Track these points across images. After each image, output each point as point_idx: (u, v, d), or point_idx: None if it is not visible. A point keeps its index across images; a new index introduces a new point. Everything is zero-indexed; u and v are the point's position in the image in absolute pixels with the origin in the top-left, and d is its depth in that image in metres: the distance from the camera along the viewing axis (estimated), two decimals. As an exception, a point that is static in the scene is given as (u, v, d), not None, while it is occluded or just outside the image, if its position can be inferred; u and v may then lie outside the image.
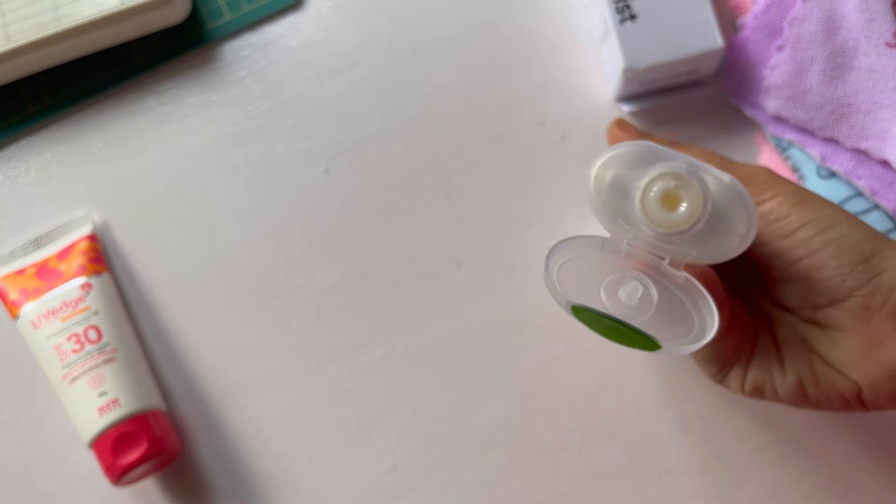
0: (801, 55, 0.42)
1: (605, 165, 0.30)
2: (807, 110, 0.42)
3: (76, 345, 0.40)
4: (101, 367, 0.40)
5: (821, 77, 0.41)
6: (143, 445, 0.38)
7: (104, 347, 0.40)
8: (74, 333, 0.40)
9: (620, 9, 0.41)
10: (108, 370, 0.40)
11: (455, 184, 0.44)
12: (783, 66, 0.42)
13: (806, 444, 0.40)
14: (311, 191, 0.45)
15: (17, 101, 0.47)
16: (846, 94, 0.41)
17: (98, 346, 0.40)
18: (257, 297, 0.43)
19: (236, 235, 0.44)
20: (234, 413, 0.42)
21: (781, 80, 0.42)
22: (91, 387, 0.39)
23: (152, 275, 0.44)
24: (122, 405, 0.39)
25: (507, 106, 0.45)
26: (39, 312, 0.41)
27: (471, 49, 0.46)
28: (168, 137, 0.46)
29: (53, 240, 0.44)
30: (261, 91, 0.47)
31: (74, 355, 0.40)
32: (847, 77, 0.41)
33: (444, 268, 0.43)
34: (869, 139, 0.41)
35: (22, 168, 0.46)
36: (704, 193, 0.29)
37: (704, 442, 0.40)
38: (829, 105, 0.41)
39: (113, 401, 0.39)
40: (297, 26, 0.48)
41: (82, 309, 0.41)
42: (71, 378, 0.40)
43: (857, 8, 0.41)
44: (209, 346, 0.43)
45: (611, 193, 0.30)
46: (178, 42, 0.47)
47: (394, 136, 0.45)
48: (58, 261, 0.43)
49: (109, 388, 0.39)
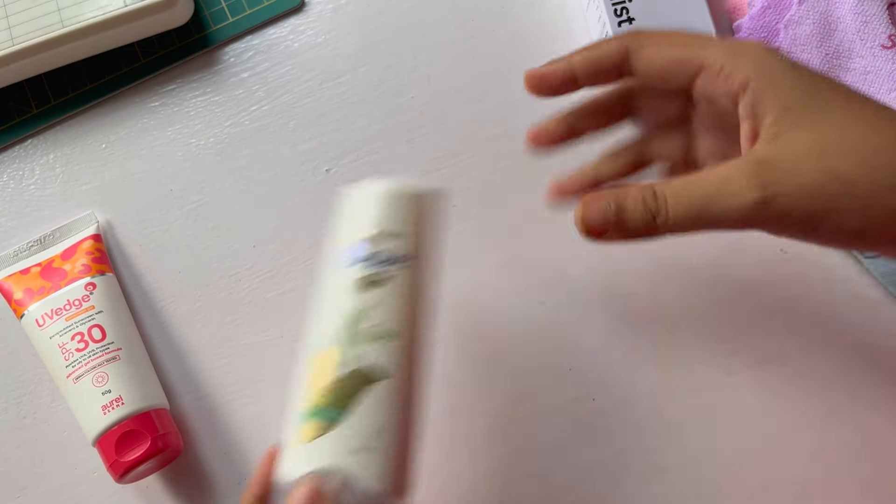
0: (796, 57, 0.42)
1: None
2: None
3: (80, 343, 0.41)
4: (104, 366, 0.40)
5: None
6: (146, 443, 0.39)
7: (108, 346, 0.41)
8: (79, 332, 0.41)
9: (618, 12, 0.42)
10: (112, 369, 0.40)
11: (455, 185, 0.45)
12: None
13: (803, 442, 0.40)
14: (312, 191, 0.45)
15: (21, 102, 0.47)
16: None
17: (102, 344, 0.41)
18: (259, 296, 0.44)
19: (239, 235, 0.45)
20: (236, 411, 0.42)
21: None
22: (95, 385, 0.40)
23: (156, 274, 0.45)
24: (125, 403, 0.39)
25: (507, 107, 0.46)
26: (44, 311, 0.42)
27: (470, 51, 0.47)
28: (171, 138, 0.47)
29: (58, 240, 0.44)
30: (263, 93, 0.47)
31: (79, 354, 0.40)
32: (842, 79, 0.42)
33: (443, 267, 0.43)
34: None
35: (26, 169, 0.47)
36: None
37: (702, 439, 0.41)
38: None
39: (116, 399, 0.40)
40: (299, 29, 0.48)
41: (86, 308, 0.41)
42: (75, 376, 0.40)
43: (852, 10, 0.41)
44: (212, 345, 0.43)
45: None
46: (181, 44, 0.48)
47: (394, 137, 0.46)
48: (62, 260, 0.43)
49: (113, 386, 0.40)
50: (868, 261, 0.41)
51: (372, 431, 0.29)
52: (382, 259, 0.32)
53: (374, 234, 0.32)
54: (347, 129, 0.46)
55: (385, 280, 0.32)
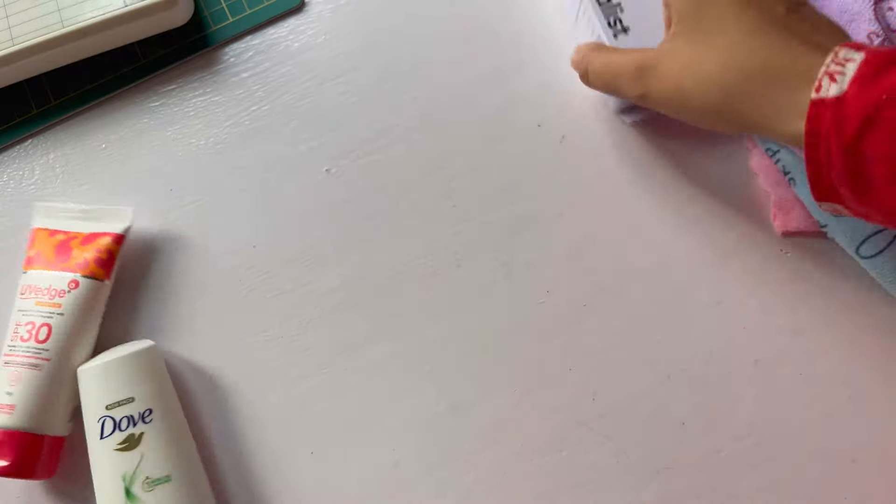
0: None
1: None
2: None
3: (27, 334, 0.40)
4: (25, 369, 0.39)
5: None
6: (7, 461, 0.38)
7: (41, 352, 0.39)
8: (32, 322, 0.40)
9: (612, 23, 0.42)
10: (29, 375, 0.39)
11: (455, 185, 0.45)
12: None
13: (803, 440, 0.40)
14: (312, 191, 0.45)
15: (21, 102, 0.47)
16: None
17: (38, 347, 0.39)
18: (259, 296, 0.44)
19: (239, 235, 0.45)
20: (235, 411, 0.42)
21: None
22: (6, 380, 0.39)
23: (155, 274, 0.45)
24: (14, 414, 0.39)
25: (506, 108, 0.46)
26: (30, 283, 0.41)
27: (470, 52, 0.47)
28: (171, 138, 0.47)
29: (95, 219, 0.43)
30: (263, 93, 0.47)
31: (20, 343, 0.40)
32: None
33: (444, 268, 0.44)
34: None
35: (26, 169, 0.47)
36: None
37: (702, 438, 0.41)
38: None
39: (10, 406, 0.39)
40: (299, 29, 0.48)
41: (54, 304, 0.40)
42: (4, 360, 0.39)
43: (839, 8, 0.42)
44: (212, 345, 0.43)
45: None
46: (181, 44, 0.48)
47: (394, 137, 0.46)
48: (80, 244, 0.42)
49: (17, 391, 0.39)
50: (867, 261, 0.41)
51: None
52: (127, 422, 0.38)
53: (110, 404, 0.38)
54: (347, 129, 0.46)
55: (137, 437, 0.38)
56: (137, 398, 0.38)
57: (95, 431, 0.38)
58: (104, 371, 0.39)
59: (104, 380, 0.39)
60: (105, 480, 0.38)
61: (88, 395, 0.39)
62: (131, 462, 0.38)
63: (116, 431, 0.38)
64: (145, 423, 0.38)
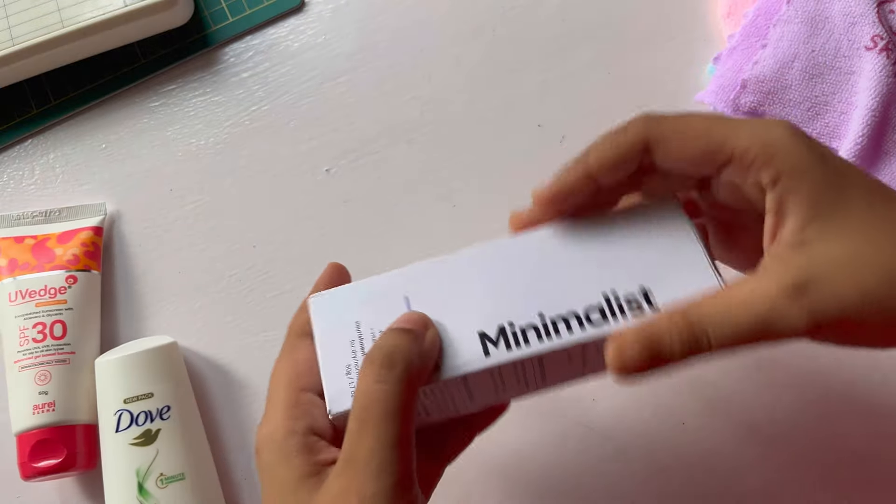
0: (783, 51, 0.42)
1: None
2: (784, 106, 0.42)
3: (39, 335, 0.40)
4: (52, 366, 0.39)
5: (801, 74, 0.42)
6: (61, 457, 0.38)
7: (63, 346, 0.40)
8: (42, 322, 0.40)
9: None
10: (58, 371, 0.39)
11: (455, 185, 0.45)
12: (766, 61, 0.42)
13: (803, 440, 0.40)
14: (312, 191, 0.45)
15: (21, 102, 0.47)
16: (824, 92, 0.42)
17: (58, 343, 0.40)
18: (259, 296, 0.44)
19: (239, 235, 0.45)
20: (235, 411, 0.42)
21: (762, 75, 0.42)
22: (36, 382, 0.39)
23: (155, 274, 0.45)
24: (56, 410, 0.39)
25: (506, 108, 0.46)
26: (19, 288, 0.41)
27: (471, 51, 0.47)
28: (171, 138, 0.47)
29: (62, 219, 0.44)
30: (263, 93, 0.47)
31: (33, 344, 0.40)
32: (826, 77, 0.42)
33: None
34: (840, 139, 0.41)
35: (26, 169, 0.47)
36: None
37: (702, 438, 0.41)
38: (807, 102, 0.42)
39: (49, 403, 0.39)
40: (299, 29, 0.48)
41: (59, 301, 0.41)
42: (22, 365, 0.39)
43: (841, 11, 0.42)
44: (211, 346, 0.43)
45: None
46: (181, 44, 0.48)
47: (394, 137, 0.46)
48: (57, 242, 0.42)
49: (51, 389, 0.39)
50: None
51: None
52: (145, 417, 0.38)
53: (129, 398, 0.38)
54: (347, 129, 0.46)
55: (154, 433, 0.38)
56: (156, 394, 0.38)
57: (111, 424, 0.38)
58: (124, 364, 0.39)
59: (123, 373, 0.38)
60: (118, 474, 0.37)
61: (106, 388, 0.39)
62: (146, 457, 0.37)
63: (133, 426, 0.38)
64: (163, 420, 0.38)
